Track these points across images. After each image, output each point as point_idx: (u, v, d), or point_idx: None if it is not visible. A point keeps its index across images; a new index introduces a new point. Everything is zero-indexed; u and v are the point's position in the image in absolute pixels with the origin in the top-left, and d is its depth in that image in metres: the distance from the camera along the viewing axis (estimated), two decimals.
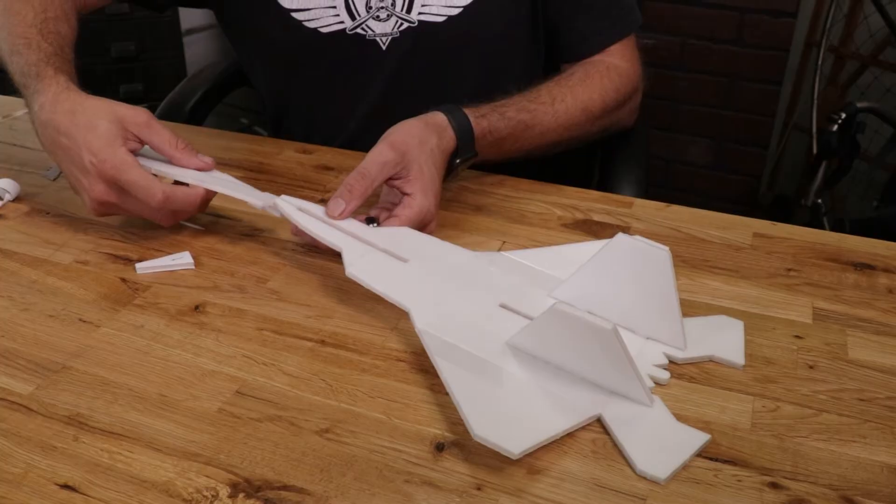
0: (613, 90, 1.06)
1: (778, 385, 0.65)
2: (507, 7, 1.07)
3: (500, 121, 0.95)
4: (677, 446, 0.59)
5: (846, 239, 0.87)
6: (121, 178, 0.79)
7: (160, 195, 0.79)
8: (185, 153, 0.83)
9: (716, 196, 2.48)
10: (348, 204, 0.79)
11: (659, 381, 0.66)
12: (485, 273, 0.76)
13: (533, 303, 0.71)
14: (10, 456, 0.58)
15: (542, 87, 1.02)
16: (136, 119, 0.81)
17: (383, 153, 0.81)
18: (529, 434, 0.57)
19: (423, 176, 0.83)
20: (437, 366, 0.63)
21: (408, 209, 0.81)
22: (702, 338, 0.70)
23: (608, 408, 0.62)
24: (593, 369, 0.63)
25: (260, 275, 0.79)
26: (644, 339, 0.69)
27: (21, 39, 0.89)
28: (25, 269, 0.80)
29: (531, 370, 0.64)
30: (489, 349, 0.66)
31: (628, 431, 0.60)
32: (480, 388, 0.62)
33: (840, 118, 1.80)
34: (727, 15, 2.25)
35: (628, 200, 0.96)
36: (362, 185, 0.80)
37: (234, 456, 0.58)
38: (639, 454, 0.58)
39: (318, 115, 1.16)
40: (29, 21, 0.91)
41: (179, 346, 0.69)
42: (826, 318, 0.74)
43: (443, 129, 0.88)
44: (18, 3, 0.93)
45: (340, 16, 1.05)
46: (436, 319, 0.68)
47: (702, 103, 2.38)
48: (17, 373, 0.66)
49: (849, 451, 0.59)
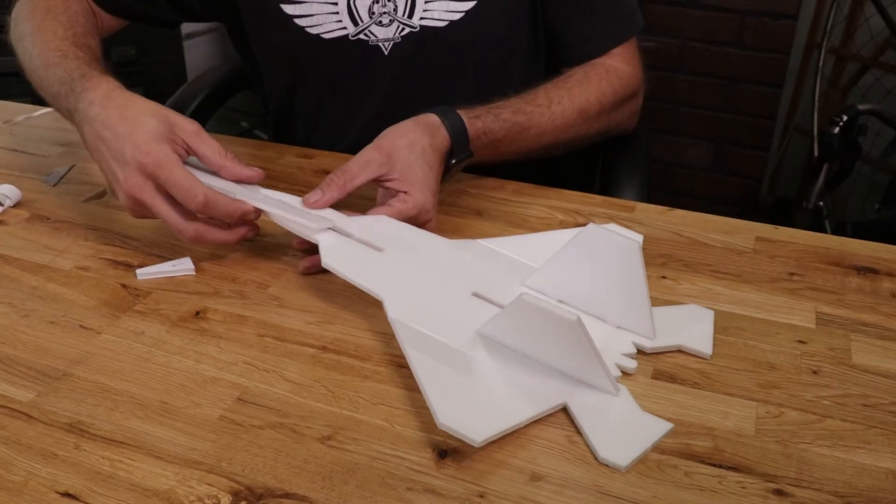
0: (611, 92, 1.06)
1: (782, 391, 0.65)
2: (508, 12, 1.07)
3: (495, 122, 0.95)
4: (640, 435, 0.60)
5: (849, 243, 0.87)
6: (161, 174, 0.76)
7: (201, 197, 0.75)
8: (233, 163, 0.81)
9: (716, 199, 2.47)
10: (324, 195, 0.80)
11: (626, 371, 0.67)
12: (460, 261, 0.76)
13: (505, 291, 0.72)
14: (11, 464, 0.57)
15: (540, 90, 1.02)
16: (186, 126, 0.79)
17: (367, 153, 0.83)
18: (493, 422, 0.58)
19: (414, 174, 0.83)
20: (407, 355, 0.64)
21: (402, 203, 0.82)
22: (671, 328, 0.70)
23: (574, 397, 0.63)
24: (560, 359, 0.64)
25: (261, 280, 0.79)
26: (614, 327, 0.70)
27: (56, 52, 0.90)
28: (26, 275, 0.80)
29: (500, 359, 0.65)
30: (459, 338, 0.66)
31: (592, 420, 0.61)
32: (448, 377, 0.62)
33: (842, 120, 1.80)
34: (728, 17, 2.25)
35: (630, 205, 0.95)
36: (341, 179, 0.81)
37: (235, 463, 0.57)
38: (601, 442, 0.59)
39: (320, 120, 1.16)
40: (60, 36, 0.93)
41: (180, 353, 0.69)
42: (829, 322, 0.74)
43: (435, 129, 0.88)
44: (46, 22, 0.96)
45: (343, 21, 1.05)
46: (408, 309, 0.69)
47: (702, 106, 2.38)
48: (18, 380, 0.66)
49: (853, 458, 0.59)
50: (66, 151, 1.08)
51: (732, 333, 0.72)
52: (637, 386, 0.65)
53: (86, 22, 1.00)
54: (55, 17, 0.97)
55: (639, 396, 0.64)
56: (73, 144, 1.10)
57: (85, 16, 1.03)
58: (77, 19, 0.98)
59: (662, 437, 0.60)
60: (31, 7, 1.00)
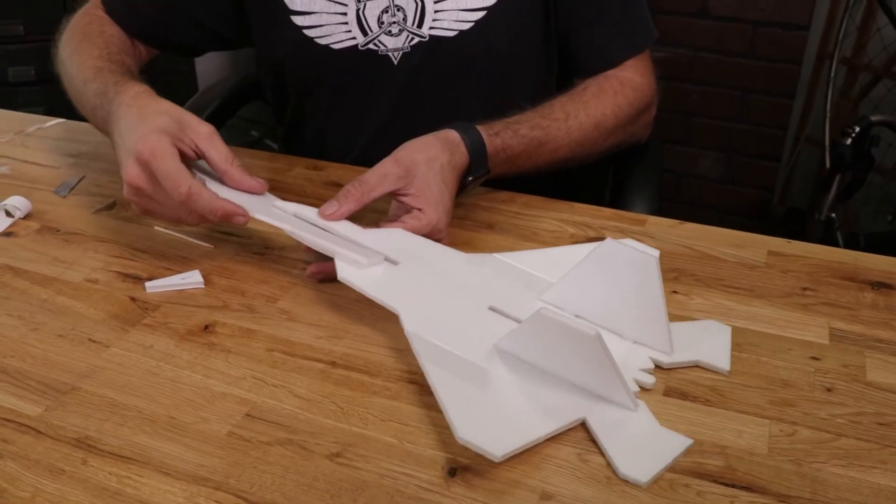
0: (627, 105, 1.06)
1: (795, 408, 0.64)
2: (519, 22, 1.07)
3: (513, 138, 0.95)
4: (660, 450, 0.59)
5: (863, 257, 0.86)
6: (153, 163, 0.76)
7: (184, 189, 0.76)
8: (238, 171, 0.81)
9: (727, 209, 2.46)
10: (341, 206, 0.80)
11: (644, 386, 0.66)
12: (476, 276, 0.76)
13: (522, 306, 0.71)
14: (19, 480, 0.57)
15: (556, 103, 1.02)
16: (198, 128, 0.81)
17: (385, 165, 0.83)
18: (513, 437, 0.58)
19: (431, 191, 0.83)
20: (425, 369, 0.64)
21: (415, 220, 0.81)
22: (689, 343, 0.70)
23: (593, 412, 0.62)
24: (578, 373, 0.63)
25: (270, 294, 0.79)
26: (631, 342, 0.70)
27: (92, 69, 0.95)
28: (35, 287, 0.80)
29: (518, 373, 0.65)
30: (477, 352, 0.66)
31: (612, 435, 0.60)
32: (466, 391, 0.62)
33: (854, 131, 1.79)
34: (739, 27, 2.24)
35: (641, 218, 0.95)
36: (359, 190, 0.81)
37: (243, 481, 0.57)
38: (621, 458, 0.58)
39: (330, 130, 1.16)
40: (95, 55, 0.98)
41: (189, 368, 0.68)
42: (843, 338, 0.73)
43: (455, 146, 0.88)
44: (83, 45, 1.00)
45: (352, 32, 1.05)
46: (425, 322, 0.68)
47: (713, 116, 2.37)
48: (27, 394, 0.65)
49: (869, 478, 0.58)
50: (76, 162, 1.08)
51: (745, 349, 0.71)
52: (649, 403, 0.65)
53: (120, 43, 1.05)
54: (91, 40, 1.02)
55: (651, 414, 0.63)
56: (83, 155, 1.10)
57: (120, 38, 1.07)
58: (112, 41, 1.04)
59: (682, 453, 0.59)
60: (69, 35, 1.05)
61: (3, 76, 2.38)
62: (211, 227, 0.90)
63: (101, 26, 1.07)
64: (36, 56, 2.39)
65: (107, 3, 1.10)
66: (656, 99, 1.12)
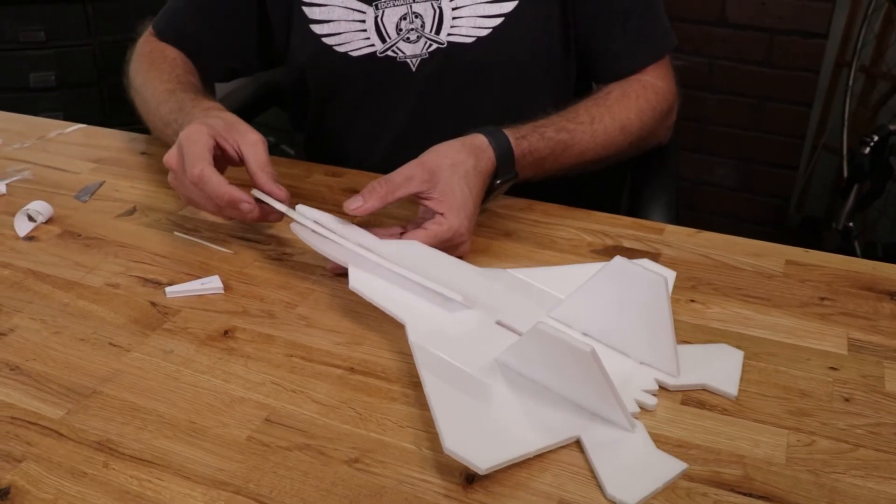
0: (650, 109, 1.07)
1: (813, 418, 0.64)
2: (537, 28, 1.07)
3: (540, 141, 0.95)
4: (652, 473, 0.58)
5: (881, 267, 0.86)
6: (184, 145, 0.82)
7: (198, 170, 0.79)
8: (266, 177, 0.83)
9: (744, 217, 2.45)
10: (366, 202, 0.80)
11: (646, 407, 0.65)
12: (487, 289, 0.76)
13: (530, 322, 0.71)
14: (41, 482, 0.58)
15: (581, 107, 1.03)
16: (247, 133, 0.85)
17: (411, 168, 0.83)
18: (500, 451, 0.58)
19: (454, 196, 0.83)
20: (422, 378, 0.64)
21: (436, 225, 0.82)
22: (697, 365, 0.69)
23: (588, 430, 0.62)
24: (575, 390, 0.63)
25: (289, 300, 0.79)
26: (637, 363, 0.69)
27: (165, 92, 1.01)
28: (57, 291, 0.81)
29: (516, 387, 0.65)
30: (478, 365, 0.66)
31: (604, 455, 0.60)
32: (460, 402, 0.62)
33: (872, 141, 1.78)
34: (756, 36, 2.23)
35: (659, 227, 0.95)
36: (383, 188, 0.81)
37: (263, 485, 0.57)
38: (610, 478, 0.58)
39: (350, 136, 1.17)
40: (164, 80, 1.04)
41: (209, 372, 0.69)
42: (862, 349, 0.73)
43: (481, 151, 0.88)
44: (152, 73, 1.06)
45: (371, 39, 1.06)
46: (430, 333, 0.69)
47: (731, 124, 2.36)
48: (49, 397, 0.66)
49: (887, 489, 0.58)
50: (97, 168, 1.09)
51: (763, 359, 0.71)
52: (666, 412, 0.65)
53: (184, 64, 1.10)
54: (158, 66, 1.07)
55: (667, 422, 0.64)
56: (103, 161, 1.11)
57: (182, 59, 1.11)
58: (176, 63, 1.09)
59: (675, 478, 0.58)
60: (138, 64, 1.11)
61: (24, 82, 2.40)
62: (229, 233, 0.91)
63: (162, 52, 1.12)
64: (57, 62, 2.41)
65: (159, 33, 1.16)
66: (677, 103, 1.13)
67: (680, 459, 0.60)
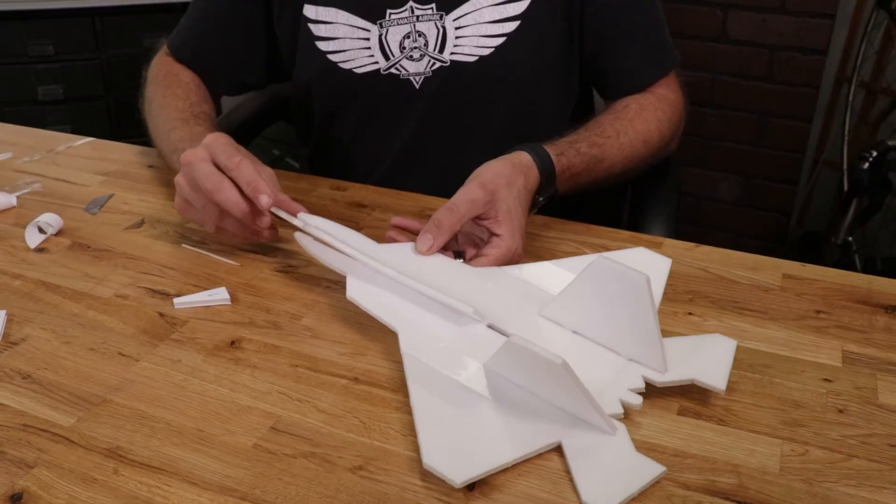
0: (667, 120, 1.10)
1: (807, 429, 0.66)
2: (539, 46, 1.09)
3: (576, 157, 0.98)
4: (629, 478, 0.59)
5: (877, 281, 0.87)
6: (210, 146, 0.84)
7: (237, 159, 0.82)
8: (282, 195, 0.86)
9: (745, 232, 2.47)
10: (436, 239, 0.81)
11: (630, 407, 0.66)
12: (481, 290, 0.77)
13: (521, 322, 0.73)
14: (53, 487, 0.59)
15: (604, 122, 1.05)
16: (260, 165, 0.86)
17: (473, 191, 0.83)
18: (478, 463, 0.59)
19: (512, 218, 0.84)
20: (409, 390, 0.66)
21: (496, 249, 0.83)
22: (687, 360, 0.70)
23: (569, 435, 0.63)
24: (555, 398, 0.65)
25: (295, 311, 0.81)
26: (626, 360, 0.70)
27: (178, 120, 1.03)
28: (67, 302, 0.82)
29: (502, 394, 0.66)
30: (466, 373, 0.68)
31: (583, 460, 0.61)
32: (443, 413, 0.64)
33: (871, 156, 1.80)
34: (758, 52, 2.26)
35: (658, 240, 0.96)
36: (450, 220, 0.81)
37: (269, 492, 0.59)
38: (587, 484, 0.59)
39: (354, 153, 1.19)
40: (180, 107, 1.06)
41: (216, 382, 0.71)
42: (856, 361, 0.74)
43: (528, 169, 0.90)
44: (167, 99, 1.08)
45: (375, 56, 1.08)
46: (422, 341, 0.70)
47: (732, 139, 2.38)
48: (60, 405, 0.68)
49: (879, 498, 0.59)
50: (105, 181, 1.11)
51: (758, 371, 0.73)
52: (662, 421, 0.66)
53: (197, 89, 1.13)
54: (173, 91, 1.10)
55: (664, 432, 0.65)
56: (112, 174, 1.13)
57: (196, 84, 1.14)
58: (190, 89, 1.12)
59: (652, 481, 0.59)
60: (154, 87, 1.13)
61: (32, 95, 2.43)
62: (236, 246, 0.92)
63: (177, 75, 1.14)
64: (65, 75, 2.44)
65: (175, 51, 1.18)
66: (685, 113, 1.16)
67: (675, 468, 0.61)
